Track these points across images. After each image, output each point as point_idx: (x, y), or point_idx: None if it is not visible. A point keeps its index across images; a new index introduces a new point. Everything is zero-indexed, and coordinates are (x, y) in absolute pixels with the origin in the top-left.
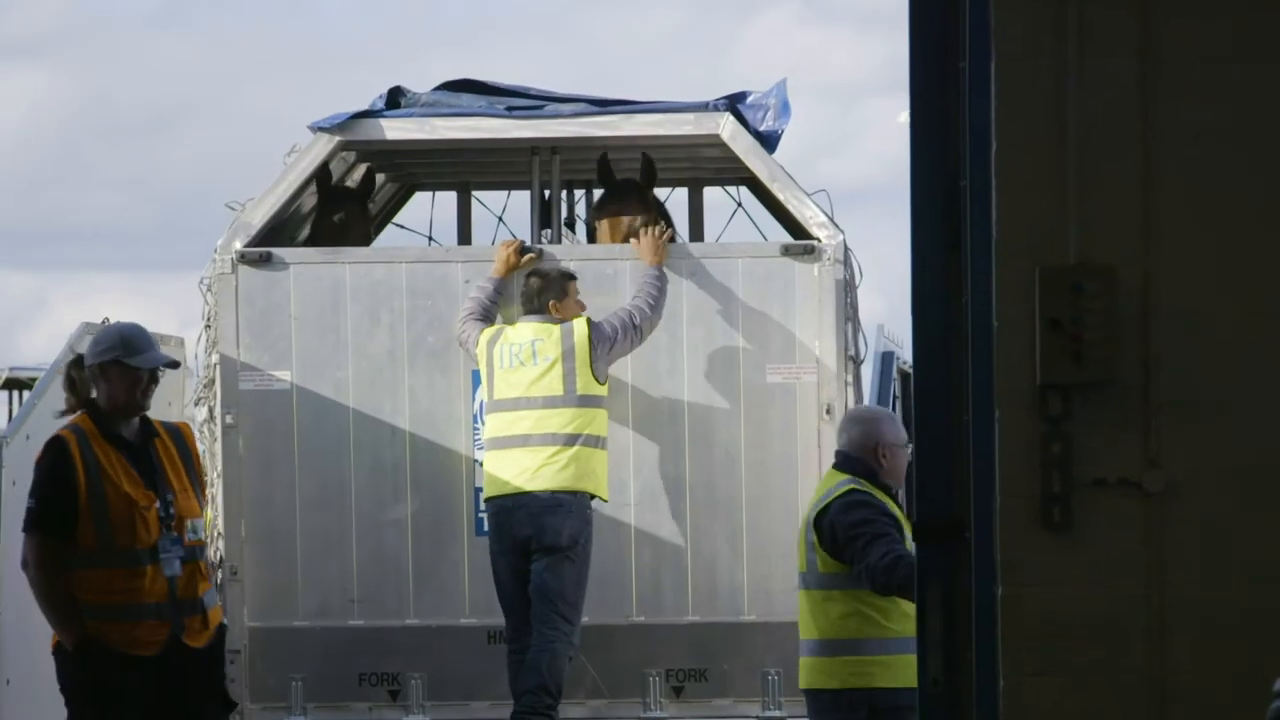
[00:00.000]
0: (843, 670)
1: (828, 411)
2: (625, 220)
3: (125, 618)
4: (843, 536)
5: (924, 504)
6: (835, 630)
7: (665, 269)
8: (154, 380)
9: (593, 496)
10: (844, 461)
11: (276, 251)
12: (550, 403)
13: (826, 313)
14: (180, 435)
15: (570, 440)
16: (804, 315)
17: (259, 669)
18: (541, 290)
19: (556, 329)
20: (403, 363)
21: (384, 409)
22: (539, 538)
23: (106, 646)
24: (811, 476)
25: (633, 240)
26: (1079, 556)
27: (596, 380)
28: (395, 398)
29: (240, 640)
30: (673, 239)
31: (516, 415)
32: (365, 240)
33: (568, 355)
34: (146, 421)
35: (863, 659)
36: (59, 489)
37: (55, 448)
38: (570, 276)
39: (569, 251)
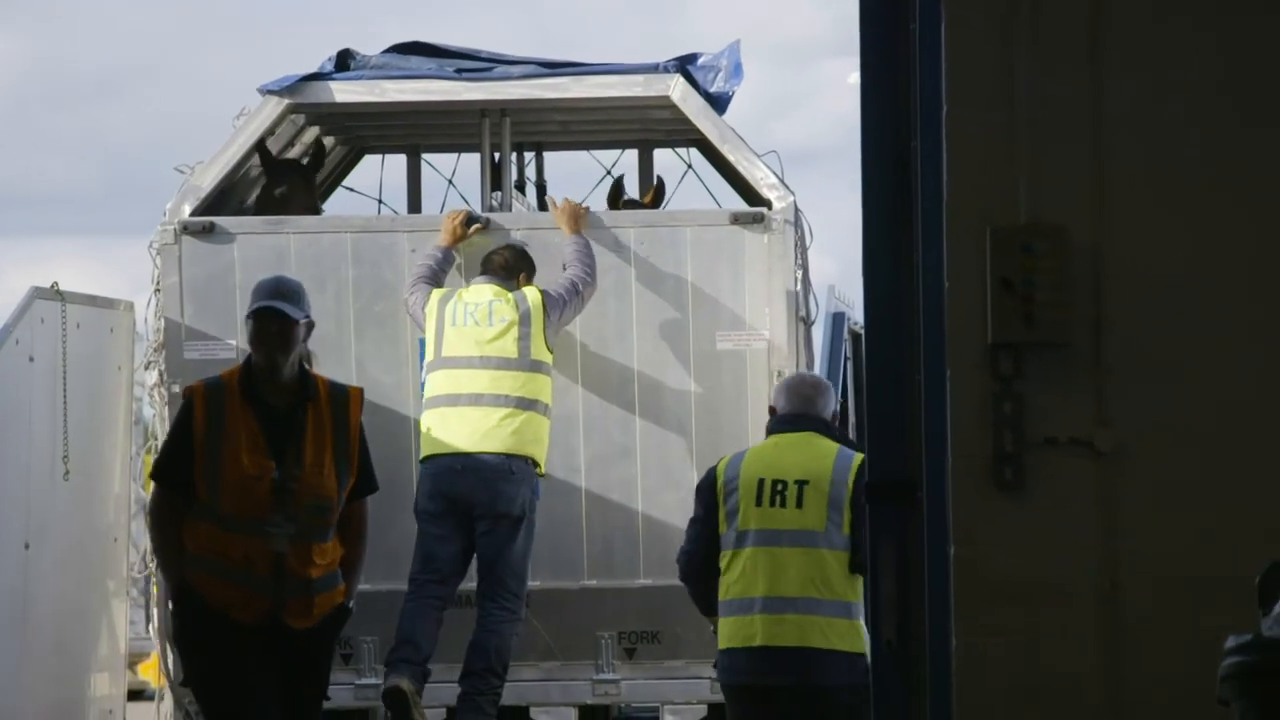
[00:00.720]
0: (852, 634)
1: (778, 378)
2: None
3: (225, 578)
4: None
5: (876, 464)
6: (850, 593)
7: (587, 236)
8: (268, 328)
9: (535, 464)
10: (824, 428)
11: (220, 221)
12: (505, 364)
13: (776, 281)
14: (342, 403)
15: (522, 404)
16: (753, 282)
17: None
18: (516, 261)
19: (512, 294)
20: (349, 332)
21: (331, 377)
22: (491, 504)
23: (206, 604)
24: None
25: (551, 209)
26: (1031, 516)
27: (547, 348)
28: (342, 366)
29: None
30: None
31: (471, 374)
32: (310, 212)
33: (524, 320)
34: (307, 382)
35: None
36: (176, 442)
37: (183, 400)
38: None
39: (518, 218)
